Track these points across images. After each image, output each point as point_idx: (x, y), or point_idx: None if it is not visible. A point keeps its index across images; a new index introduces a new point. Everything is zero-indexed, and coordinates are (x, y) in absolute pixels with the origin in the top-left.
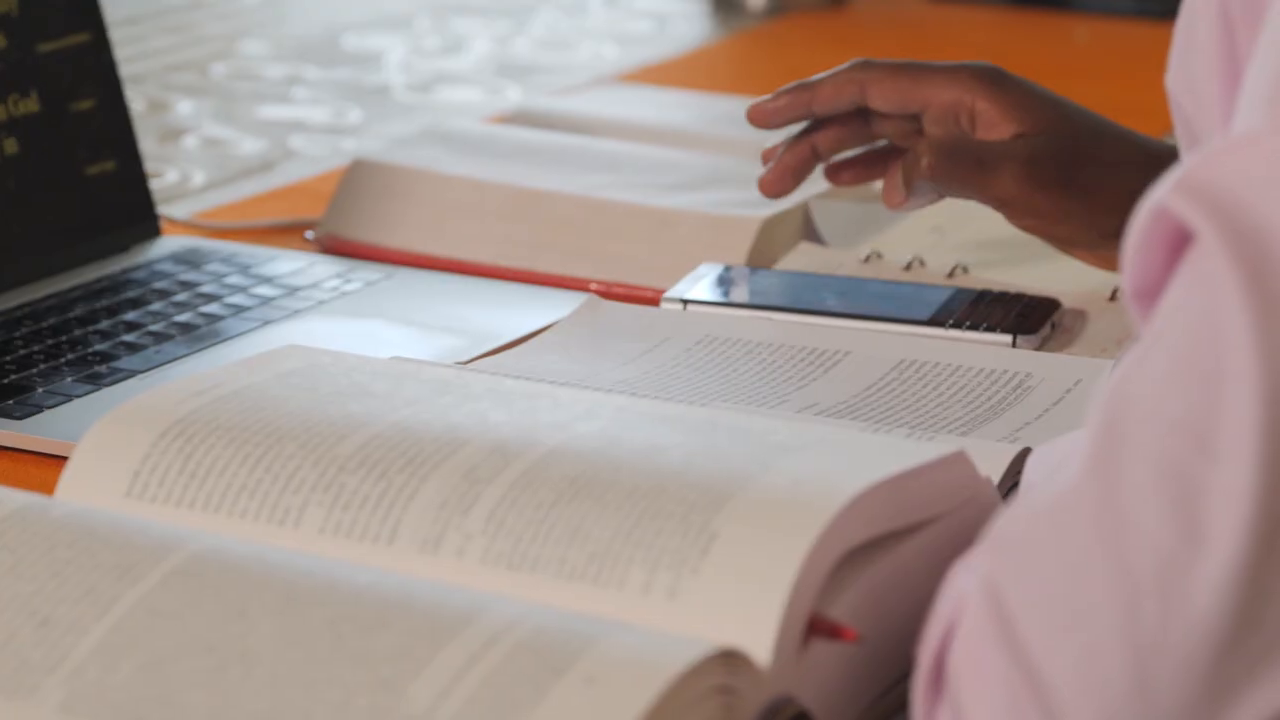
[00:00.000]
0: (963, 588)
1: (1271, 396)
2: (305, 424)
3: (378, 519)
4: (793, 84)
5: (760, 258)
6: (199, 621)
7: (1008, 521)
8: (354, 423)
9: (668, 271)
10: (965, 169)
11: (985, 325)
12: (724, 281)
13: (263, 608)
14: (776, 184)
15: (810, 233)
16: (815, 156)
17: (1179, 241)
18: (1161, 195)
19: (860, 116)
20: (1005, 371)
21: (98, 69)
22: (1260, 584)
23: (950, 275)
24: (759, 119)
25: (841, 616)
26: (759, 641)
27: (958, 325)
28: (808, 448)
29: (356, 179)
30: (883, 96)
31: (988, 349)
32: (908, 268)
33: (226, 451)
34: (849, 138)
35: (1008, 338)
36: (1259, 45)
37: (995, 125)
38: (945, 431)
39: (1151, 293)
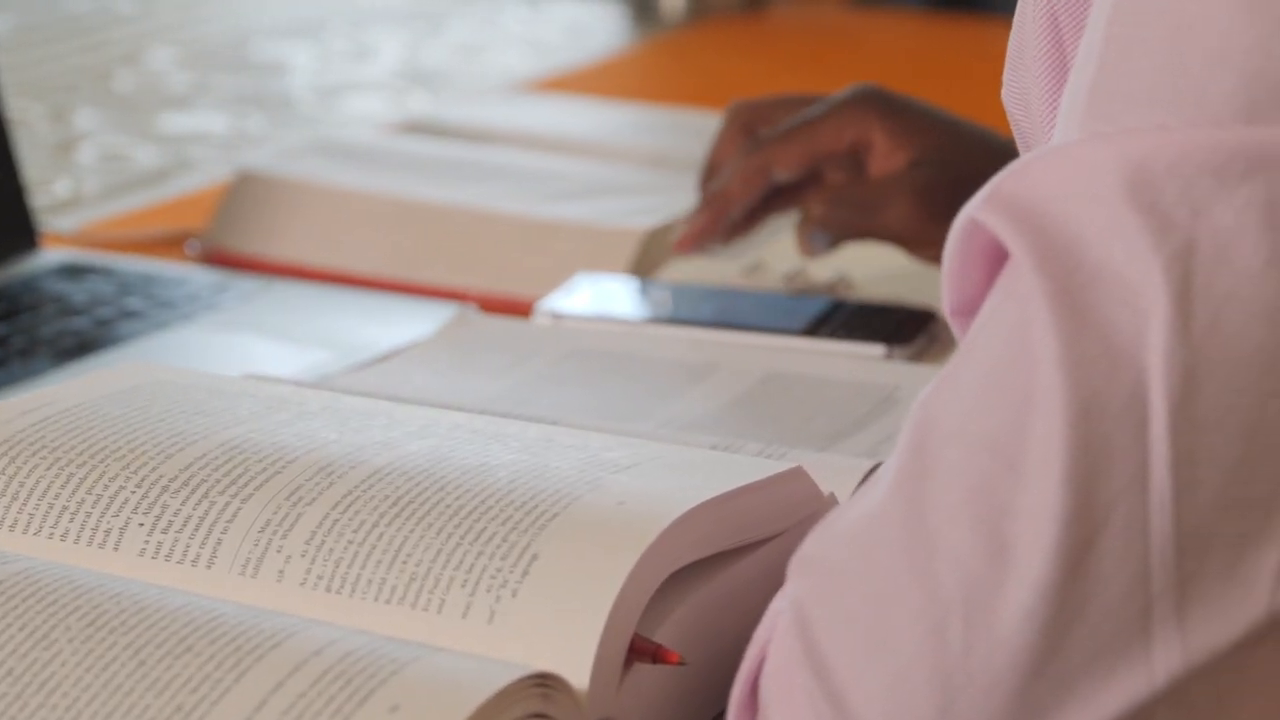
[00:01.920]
0: (777, 609)
1: (1078, 416)
2: (131, 444)
3: (198, 541)
4: (704, 199)
5: (644, 268)
6: (1, 647)
7: (814, 541)
8: (181, 442)
9: (551, 282)
10: (853, 215)
11: (859, 336)
12: (598, 293)
13: (67, 633)
14: (690, 245)
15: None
16: (727, 213)
17: (996, 256)
18: (973, 209)
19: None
20: (874, 384)
21: None
22: (1067, 605)
23: (832, 287)
24: (687, 249)
25: (669, 638)
26: (577, 665)
27: (832, 336)
28: (639, 465)
29: (241, 190)
30: (786, 168)
31: (861, 362)
32: (790, 279)
33: (49, 473)
34: (766, 212)
35: (881, 348)
36: (1078, 54)
37: (890, 154)
38: (804, 446)
39: (970, 309)
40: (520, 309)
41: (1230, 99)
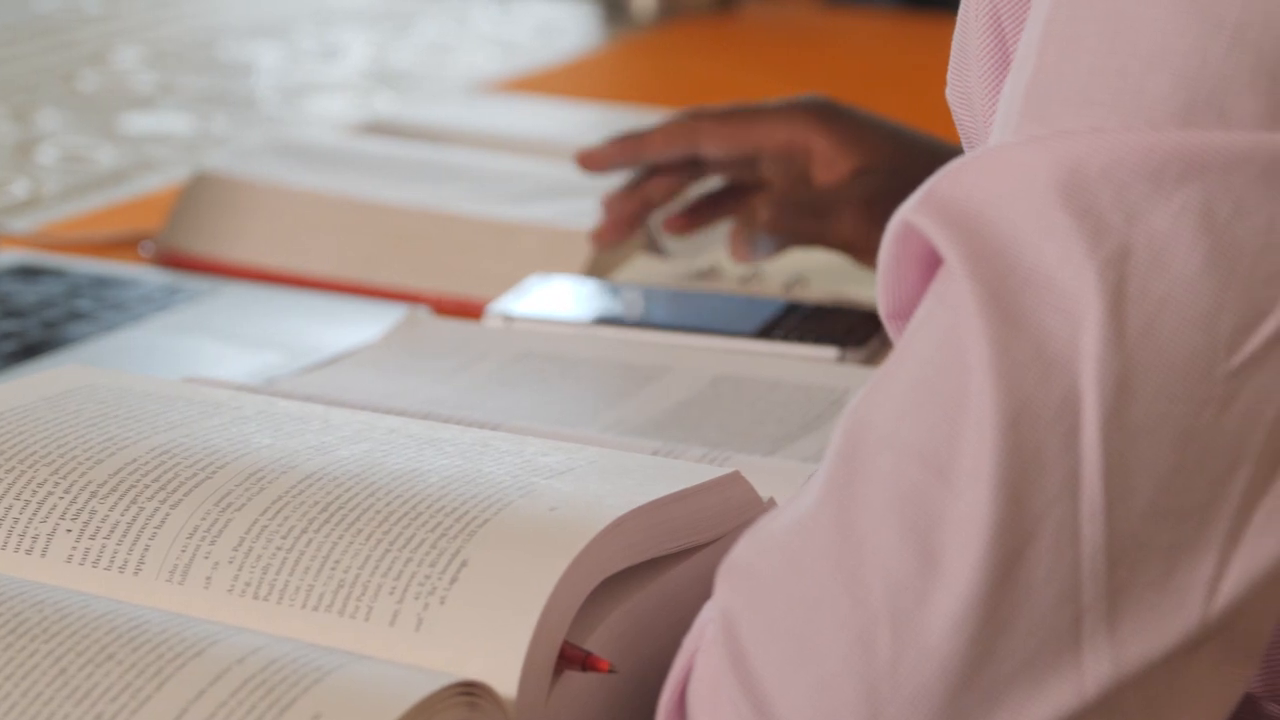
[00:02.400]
0: (706, 617)
1: (1009, 423)
2: (62, 449)
3: (125, 547)
4: (624, 132)
5: (600, 270)
6: None
7: (743, 549)
8: (112, 447)
9: (507, 284)
10: (802, 220)
11: (811, 338)
12: (551, 295)
13: None
14: (608, 235)
15: (652, 244)
16: (647, 208)
17: (930, 259)
18: (906, 212)
19: (693, 165)
20: (826, 387)
21: None
22: (996, 615)
23: (788, 288)
24: (587, 164)
25: (600, 646)
26: (504, 673)
27: (785, 339)
28: (574, 470)
29: (196, 191)
30: (714, 144)
31: (814, 364)
32: (745, 280)
33: None
34: (682, 186)
35: (834, 351)
36: (1017, 53)
37: (832, 163)
38: (752, 449)
39: (905, 313)
40: (476, 311)
41: (1167, 101)
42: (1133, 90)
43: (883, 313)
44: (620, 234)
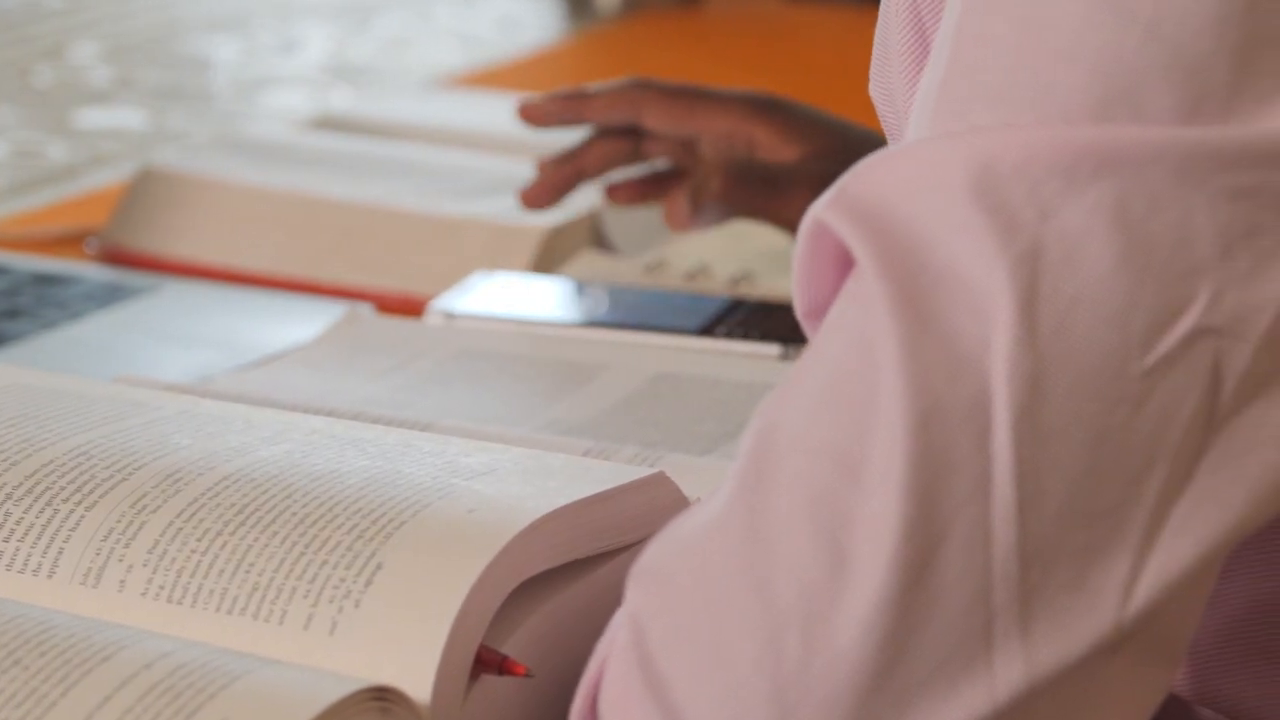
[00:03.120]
0: (618, 622)
1: (919, 424)
2: None
3: (39, 550)
4: (569, 90)
5: (546, 266)
6: None
7: (653, 551)
8: (29, 448)
9: (452, 280)
10: (757, 191)
11: (754, 336)
12: (493, 292)
13: None
14: (535, 198)
15: (602, 240)
16: (580, 175)
17: (845, 258)
18: (818, 209)
19: (633, 135)
20: (767, 385)
21: None
22: (907, 617)
23: (734, 284)
24: (528, 117)
25: (518, 649)
26: (418, 678)
27: (728, 336)
28: (495, 471)
29: (141, 187)
30: (657, 117)
31: (756, 362)
32: (691, 276)
33: None
34: (619, 156)
35: (776, 348)
36: (933, 48)
37: (777, 150)
38: (689, 448)
39: (820, 312)
40: (420, 308)
41: (1081, 96)
42: (1046, 85)
43: (798, 312)
44: (548, 198)
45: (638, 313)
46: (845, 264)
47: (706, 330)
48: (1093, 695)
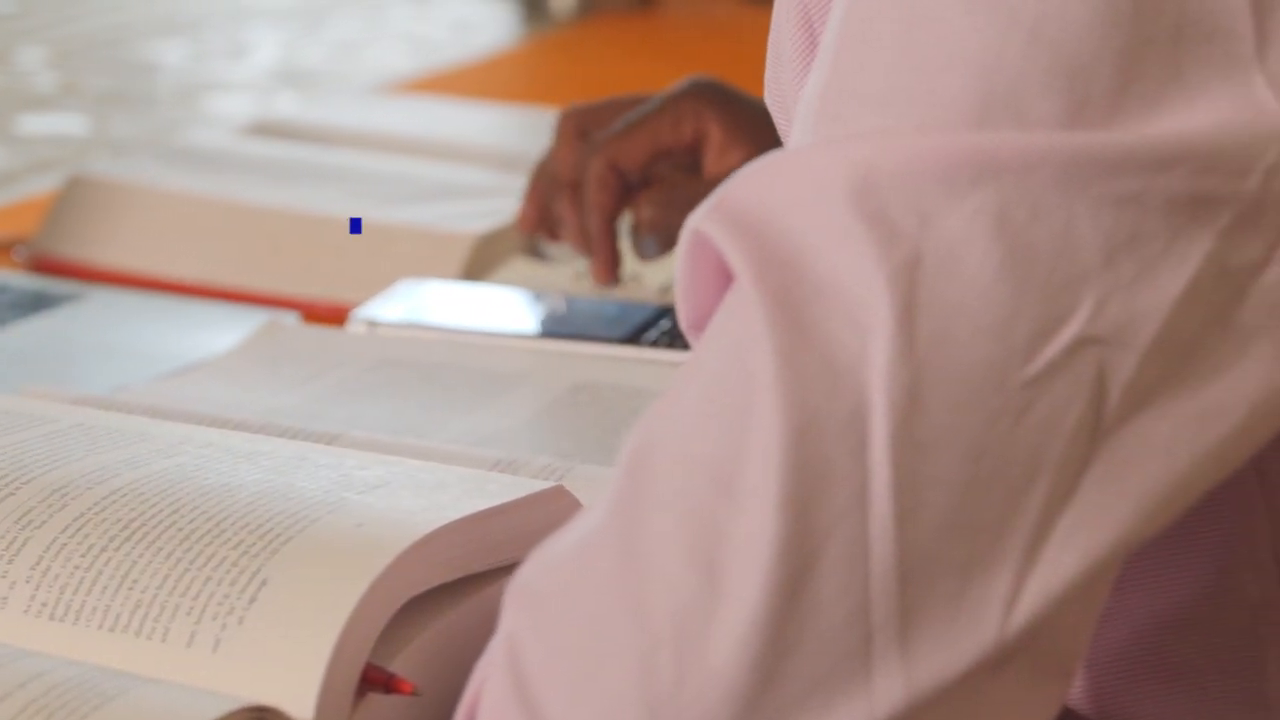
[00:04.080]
0: (496, 641)
1: (795, 437)
2: None
3: None
4: (563, 200)
5: (477, 273)
6: None
7: (529, 568)
8: None
9: (380, 288)
10: (686, 216)
11: (680, 344)
12: (418, 300)
13: None
14: (608, 275)
15: (533, 248)
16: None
17: (727, 268)
18: (697, 219)
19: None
20: None
21: None
22: (782, 635)
23: (663, 292)
24: (603, 280)
25: (407, 667)
26: (301, 696)
27: (653, 344)
28: (388, 485)
29: (71, 195)
30: (633, 165)
31: None
32: (665, 291)
33: None
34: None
35: None
36: (818, 54)
37: (724, 151)
38: (604, 458)
39: (704, 324)
40: (347, 317)
41: (961, 101)
42: (926, 90)
43: (683, 324)
44: (616, 273)
45: (564, 321)
46: (727, 275)
47: (632, 339)
48: (979, 712)
